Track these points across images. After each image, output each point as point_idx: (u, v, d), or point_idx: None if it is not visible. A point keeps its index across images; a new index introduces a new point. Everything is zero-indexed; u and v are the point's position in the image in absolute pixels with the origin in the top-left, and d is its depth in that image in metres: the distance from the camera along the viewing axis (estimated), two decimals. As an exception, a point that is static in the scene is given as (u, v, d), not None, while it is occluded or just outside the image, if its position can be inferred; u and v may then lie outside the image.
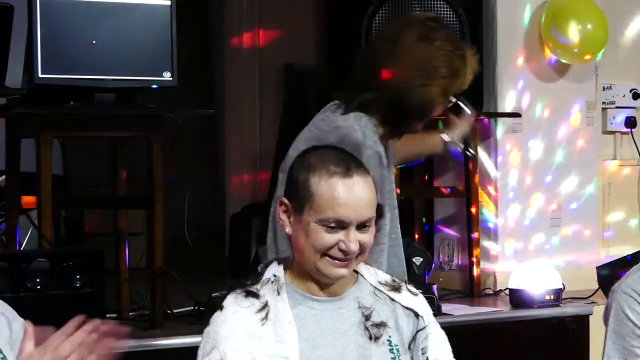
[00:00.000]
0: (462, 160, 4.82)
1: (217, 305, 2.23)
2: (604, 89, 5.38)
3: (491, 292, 5.01)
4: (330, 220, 2.18)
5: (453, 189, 5.16)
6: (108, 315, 3.96)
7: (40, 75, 3.80)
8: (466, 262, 5.10)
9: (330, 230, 2.18)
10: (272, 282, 2.25)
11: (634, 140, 5.42)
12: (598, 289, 4.71)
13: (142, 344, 3.79)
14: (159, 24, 3.98)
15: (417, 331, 2.30)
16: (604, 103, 5.40)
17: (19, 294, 3.51)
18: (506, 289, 4.74)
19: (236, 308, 2.21)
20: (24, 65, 4.07)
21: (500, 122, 5.09)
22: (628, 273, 2.82)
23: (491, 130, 5.10)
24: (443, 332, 2.37)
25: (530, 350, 4.09)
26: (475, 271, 4.99)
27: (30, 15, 3.80)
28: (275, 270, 2.28)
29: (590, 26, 5.01)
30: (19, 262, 3.56)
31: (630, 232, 5.41)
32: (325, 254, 2.19)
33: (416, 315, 2.31)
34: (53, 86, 3.85)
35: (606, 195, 5.38)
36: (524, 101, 5.14)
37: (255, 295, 2.23)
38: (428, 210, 5.40)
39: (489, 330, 4.40)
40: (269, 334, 2.18)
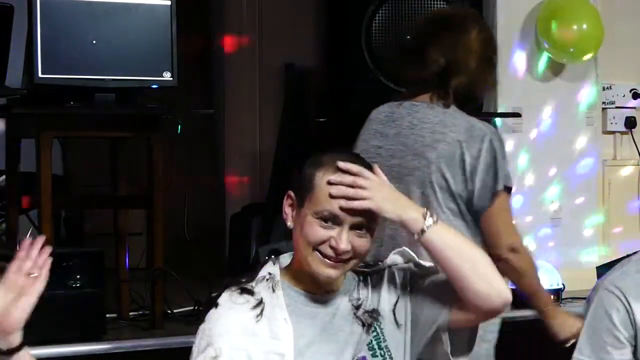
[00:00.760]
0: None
1: (212, 303, 2.23)
2: (604, 89, 5.38)
3: (491, 292, 4.99)
4: (324, 212, 2.17)
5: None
6: (108, 315, 3.96)
7: (40, 75, 3.80)
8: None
9: (324, 225, 2.17)
10: (268, 280, 2.25)
11: (634, 140, 5.41)
12: (598, 289, 4.71)
13: (142, 344, 3.79)
14: (159, 24, 3.98)
15: (397, 301, 2.27)
16: (604, 103, 5.39)
17: (19, 293, 3.50)
18: (506, 288, 4.73)
19: (231, 305, 2.21)
20: (24, 65, 4.06)
21: (500, 122, 5.09)
22: (614, 267, 2.80)
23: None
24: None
25: (530, 350, 4.07)
26: (476, 271, 4.98)
27: (30, 15, 3.80)
28: (271, 268, 2.28)
29: (585, 26, 5.02)
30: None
31: (630, 232, 5.41)
32: (316, 248, 2.18)
33: (394, 282, 2.29)
34: (53, 86, 3.85)
35: (606, 195, 5.38)
36: (524, 101, 5.14)
37: (250, 292, 2.23)
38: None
39: (489, 330, 4.38)
40: (264, 331, 2.18)
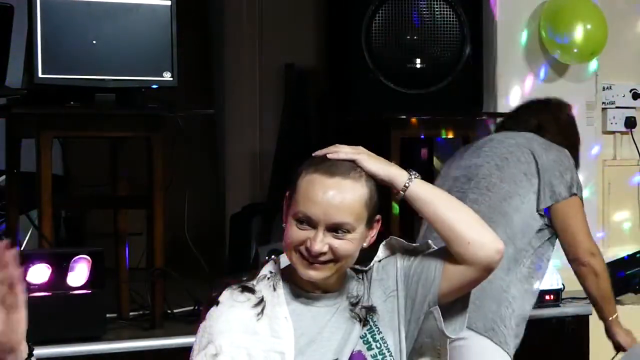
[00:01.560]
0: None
1: (213, 301, 2.22)
2: (604, 89, 5.37)
3: (491, 292, 4.99)
4: (299, 214, 2.15)
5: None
6: (108, 315, 3.96)
7: (40, 75, 3.79)
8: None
9: (301, 226, 2.15)
10: (269, 279, 2.26)
11: (634, 140, 5.41)
12: (598, 289, 4.70)
13: (142, 344, 3.79)
14: (159, 24, 3.97)
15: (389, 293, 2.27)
16: (603, 103, 5.39)
17: (19, 294, 3.50)
18: (506, 289, 4.73)
19: (232, 303, 2.21)
20: (24, 65, 4.06)
21: (500, 122, 5.09)
22: None
23: (491, 130, 5.09)
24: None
25: (530, 350, 4.07)
26: (476, 271, 4.97)
27: (30, 15, 3.80)
28: (272, 267, 2.29)
29: (589, 26, 5.01)
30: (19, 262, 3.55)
31: (630, 233, 5.41)
32: (297, 250, 2.17)
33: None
34: (53, 86, 3.85)
35: (606, 196, 5.38)
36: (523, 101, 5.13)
37: (251, 290, 2.22)
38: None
39: (488, 331, 4.38)
40: (265, 329, 2.18)
